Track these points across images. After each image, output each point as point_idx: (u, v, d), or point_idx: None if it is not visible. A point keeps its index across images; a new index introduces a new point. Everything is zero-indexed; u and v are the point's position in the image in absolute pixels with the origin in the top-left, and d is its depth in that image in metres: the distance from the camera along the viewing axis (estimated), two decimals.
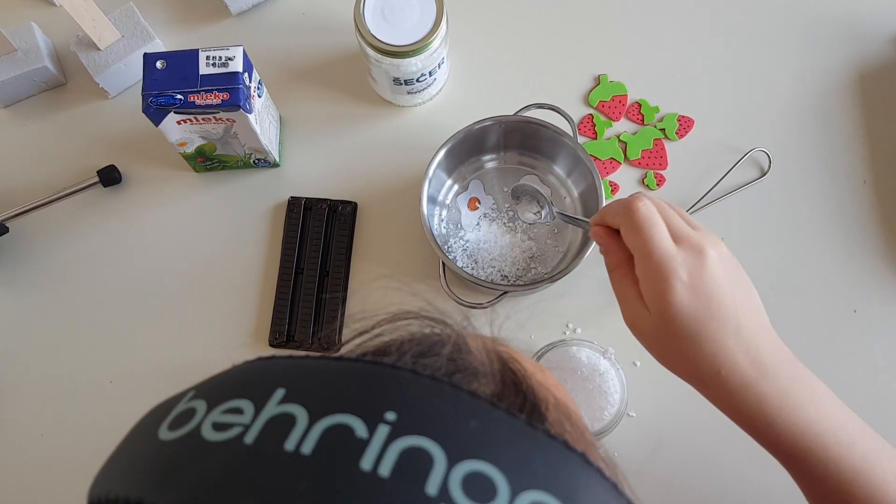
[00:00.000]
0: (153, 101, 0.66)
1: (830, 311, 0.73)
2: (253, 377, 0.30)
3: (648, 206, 0.50)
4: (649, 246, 0.49)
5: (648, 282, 0.49)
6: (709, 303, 0.48)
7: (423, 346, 0.31)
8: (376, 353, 0.31)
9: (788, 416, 0.47)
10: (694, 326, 0.48)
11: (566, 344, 0.65)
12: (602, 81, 0.79)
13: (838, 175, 0.76)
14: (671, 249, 0.48)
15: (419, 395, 0.27)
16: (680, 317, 0.48)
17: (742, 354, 0.48)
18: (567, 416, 0.31)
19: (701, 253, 0.49)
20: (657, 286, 0.48)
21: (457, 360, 0.30)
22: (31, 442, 0.72)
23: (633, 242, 0.50)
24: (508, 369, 0.31)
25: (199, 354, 0.74)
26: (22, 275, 0.76)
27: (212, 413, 0.28)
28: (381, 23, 0.69)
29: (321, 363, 0.29)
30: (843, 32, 0.80)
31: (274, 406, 0.27)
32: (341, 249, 0.76)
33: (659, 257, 0.48)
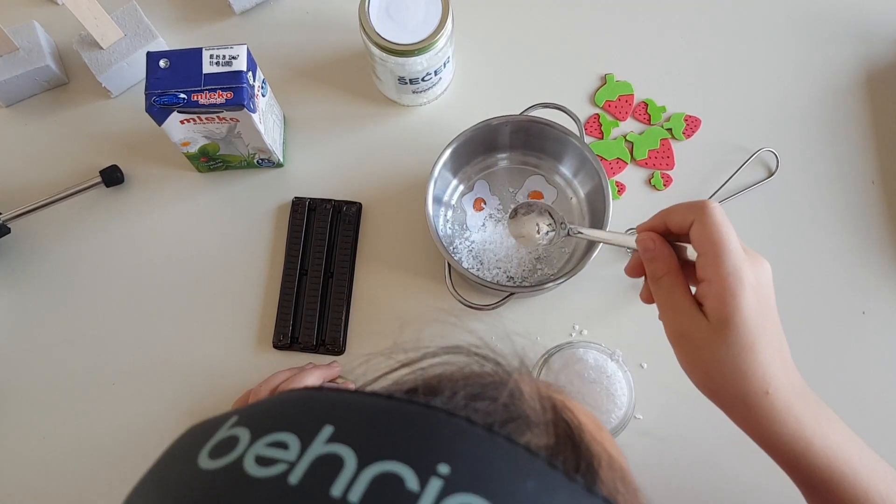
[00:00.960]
0: (156, 101, 0.65)
1: (839, 312, 0.73)
2: (300, 409, 0.28)
3: (719, 205, 0.48)
4: (727, 245, 0.45)
5: (718, 284, 0.45)
6: (768, 312, 0.46)
7: (475, 386, 0.29)
8: (426, 388, 0.30)
9: (822, 438, 0.46)
10: (753, 335, 0.45)
11: (573, 346, 0.64)
12: (608, 81, 0.79)
13: (846, 175, 0.76)
14: (742, 253, 0.46)
15: (474, 447, 0.26)
16: (745, 323, 0.45)
17: (783, 373, 0.46)
18: (621, 475, 0.30)
19: (763, 263, 0.47)
20: (728, 288, 0.45)
21: (511, 406, 0.29)
22: (33, 444, 0.72)
23: (709, 239, 0.46)
24: (562, 420, 0.30)
25: (202, 356, 0.73)
26: (24, 276, 0.76)
27: (255, 445, 0.26)
28: (387, 21, 0.69)
29: (372, 401, 0.28)
30: (851, 32, 0.80)
31: (321, 445, 0.25)
32: (346, 250, 0.75)
33: (735, 258, 0.45)
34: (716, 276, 0.46)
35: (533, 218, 0.64)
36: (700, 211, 0.47)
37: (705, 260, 0.46)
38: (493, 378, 0.31)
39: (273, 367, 0.73)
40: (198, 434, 0.30)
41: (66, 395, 0.73)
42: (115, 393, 0.73)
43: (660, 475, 0.69)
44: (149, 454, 0.74)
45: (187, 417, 0.72)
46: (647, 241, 0.51)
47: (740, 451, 0.68)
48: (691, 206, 0.48)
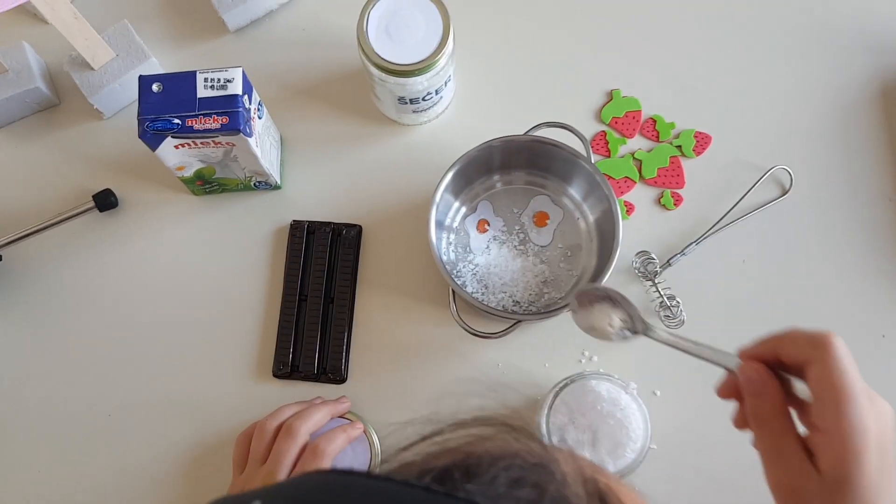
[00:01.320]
0: (149, 126, 0.63)
1: (857, 336, 0.70)
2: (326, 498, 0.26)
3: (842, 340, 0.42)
4: (853, 395, 0.40)
5: (836, 437, 0.40)
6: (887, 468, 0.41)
7: (515, 469, 0.27)
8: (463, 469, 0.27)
9: None
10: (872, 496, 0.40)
11: (585, 377, 0.62)
12: (615, 97, 0.76)
13: (862, 193, 0.73)
14: (868, 403, 0.40)
15: None
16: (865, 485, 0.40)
17: None
18: None
19: (884, 408, 0.42)
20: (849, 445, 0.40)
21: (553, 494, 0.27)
22: (27, 478, 0.70)
23: (832, 383, 0.40)
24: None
25: (200, 385, 0.71)
26: (15, 304, 0.74)
27: None
28: (386, 41, 0.66)
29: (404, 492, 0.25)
30: (864, 44, 0.77)
31: None
32: (346, 275, 0.73)
33: (861, 412, 0.40)
34: (836, 429, 0.40)
35: (605, 310, 0.54)
36: (822, 349, 0.41)
37: (825, 408, 0.41)
38: (532, 458, 0.28)
39: (273, 396, 0.70)
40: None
41: (61, 427, 0.71)
42: (111, 424, 0.71)
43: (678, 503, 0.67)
44: (144, 486, 0.72)
45: (186, 449, 0.70)
46: (753, 374, 0.44)
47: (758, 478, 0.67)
48: (812, 341, 0.42)
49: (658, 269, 0.70)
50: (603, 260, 0.67)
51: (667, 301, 0.69)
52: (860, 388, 0.40)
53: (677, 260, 0.71)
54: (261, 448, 0.62)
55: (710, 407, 0.68)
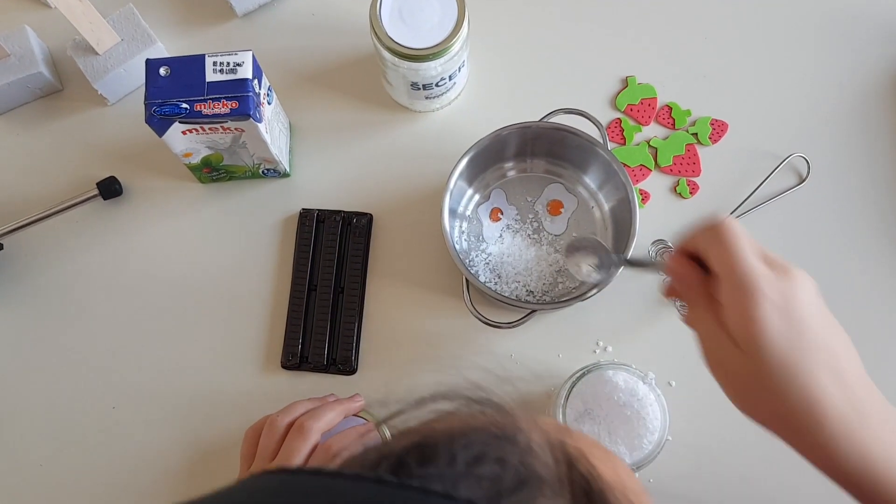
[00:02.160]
0: (157, 111, 0.62)
1: (876, 326, 0.69)
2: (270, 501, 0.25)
3: (735, 222, 0.45)
4: (735, 259, 0.43)
5: (733, 304, 0.43)
6: (802, 330, 0.42)
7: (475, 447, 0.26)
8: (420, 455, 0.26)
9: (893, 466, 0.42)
10: (787, 358, 0.42)
11: (601, 367, 0.61)
12: (630, 84, 0.75)
13: (881, 181, 0.72)
14: (759, 266, 0.43)
15: None
16: (770, 344, 0.42)
17: (841, 396, 0.42)
18: None
19: (791, 275, 0.44)
20: (743, 307, 0.42)
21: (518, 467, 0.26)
22: (30, 472, 0.68)
23: (719, 258, 0.44)
24: (578, 474, 0.27)
25: (207, 377, 0.70)
26: (18, 294, 0.72)
27: None
28: (399, 24, 0.65)
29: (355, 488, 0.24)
30: (881, 34, 0.76)
31: None
32: (356, 264, 0.72)
33: (746, 272, 0.43)
34: (730, 298, 0.43)
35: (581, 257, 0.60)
36: (711, 233, 0.45)
37: (722, 283, 0.44)
38: (495, 431, 0.27)
39: (282, 387, 0.69)
40: None
41: (65, 419, 0.70)
42: (116, 417, 0.70)
43: (692, 496, 0.66)
44: (151, 481, 0.70)
45: (193, 442, 0.68)
46: (674, 265, 0.48)
47: (775, 469, 0.66)
48: (704, 228, 0.46)
49: None
50: (618, 248, 0.66)
51: None
52: (748, 259, 0.43)
53: None
54: (270, 444, 0.61)
55: (726, 398, 0.67)
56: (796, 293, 0.43)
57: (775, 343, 0.42)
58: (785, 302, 0.42)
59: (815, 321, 0.43)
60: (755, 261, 0.43)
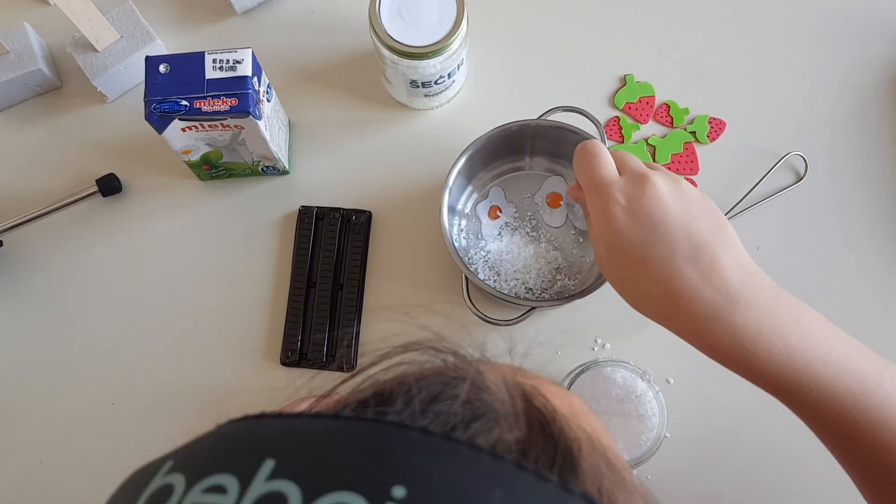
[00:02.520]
0: (156, 108, 0.62)
1: (872, 324, 0.70)
2: (238, 444, 0.26)
3: (594, 142, 0.52)
4: (588, 173, 0.50)
5: (591, 212, 0.49)
6: (653, 226, 0.46)
7: (433, 388, 0.27)
8: (379, 399, 0.27)
9: (769, 347, 0.44)
10: (638, 251, 0.46)
11: (599, 364, 0.61)
12: (628, 82, 0.75)
13: (878, 180, 0.73)
14: (611, 176, 0.49)
15: (432, 461, 0.23)
16: (621, 241, 0.47)
17: (705, 283, 0.45)
18: (604, 457, 0.27)
19: (643, 178, 0.48)
20: (597, 213, 0.48)
21: (474, 402, 0.27)
22: (29, 469, 0.68)
23: (579, 175, 0.52)
24: (534, 408, 0.28)
25: (206, 374, 0.70)
26: (16, 291, 0.72)
27: (191, 492, 0.24)
28: (398, 22, 0.65)
29: (316, 424, 0.25)
30: (880, 31, 0.77)
31: (262, 483, 0.23)
32: (356, 261, 0.72)
33: (597, 183, 0.49)
34: (591, 208, 0.50)
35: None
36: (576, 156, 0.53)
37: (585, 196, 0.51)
38: (453, 373, 0.28)
39: (281, 384, 0.69)
40: (132, 486, 0.27)
41: (64, 415, 0.70)
42: (115, 414, 0.70)
43: (690, 493, 0.66)
44: None
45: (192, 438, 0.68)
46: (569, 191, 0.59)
47: (773, 465, 0.66)
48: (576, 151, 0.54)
49: None
50: None
51: None
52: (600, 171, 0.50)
53: None
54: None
55: (724, 395, 0.68)
56: (645, 193, 0.47)
57: (626, 240, 0.47)
58: (632, 203, 0.47)
59: (669, 215, 0.47)
60: (607, 172, 0.49)
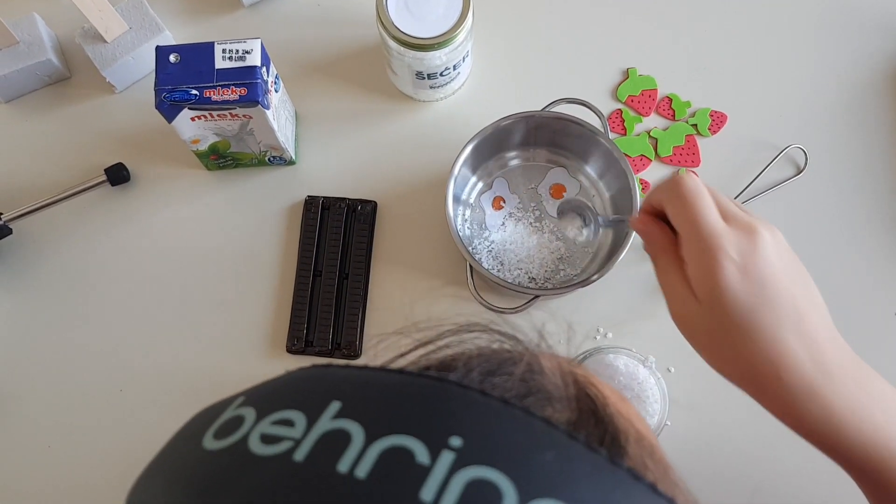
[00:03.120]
0: (167, 97, 0.63)
1: (870, 314, 0.71)
2: (307, 386, 0.28)
3: (696, 180, 0.46)
4: (695, 218, 0.44)
5: (694, 261, 0.44)
6: (763, 288, 0.42)
7: (491, 363, 0.28)
8: (440, 367, 0.29)
9: (858, 424, 0.43)
10: (747, 315, 0.42)
11: (602, 351, 0.62)
12: (631, 75, 0.76)
13: (877, 173, 0.74)
14: (720, 224, 0.43)
15: (488, 419, 0.25)
16: (731, 302, 0.42)
17: (804, 354, 0.42)
18: (650, 451, 0.29)
19: (753, 232, 0.44)
20: (704, 265, 0.43)
21: (529, 381, 0.28)
22: (38, 453, 0.69)
23: (679, 216, 0.45)
24: (585, 395, 0.29)
25: (213, 361, 0.71)
26: (26, 278, 0.73)
27: (261, 423, 0.26)
28: (405, 14, 0.66)
29: (380, 375, 0.27)
30: (880, 25, 0.78)
31: (328, 421, 0.25)
32: (361, 251, 0.73)
33: (707, 231, 0.43)
34: (691, 255, 0.44)
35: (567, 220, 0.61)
36: (669, 190, 0.46)
37: (683, 238, 0.45)
38: (510, 355, 0.29)
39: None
40: (204, 416, 0.29)
41: (72, 402, 0.70)
42: (123, 400, 0.71)
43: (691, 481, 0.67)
44: None
45: None
46: (636, 223, 0.50)
47: (773, 454, 0.67)
48: (664, 184, 0.47)
49: None
50: (619, 235, 0.68)
51: None
52: (707, 215, 0.44)
53: None
54: None
55: (724, 384, 0.68)
56: (757, 251, 0.43)
57: (736, 301, 0.42)
58: (745, 260, 0.43)
59: (778, 278, 0.43)
60: (715, 218, 0.44)
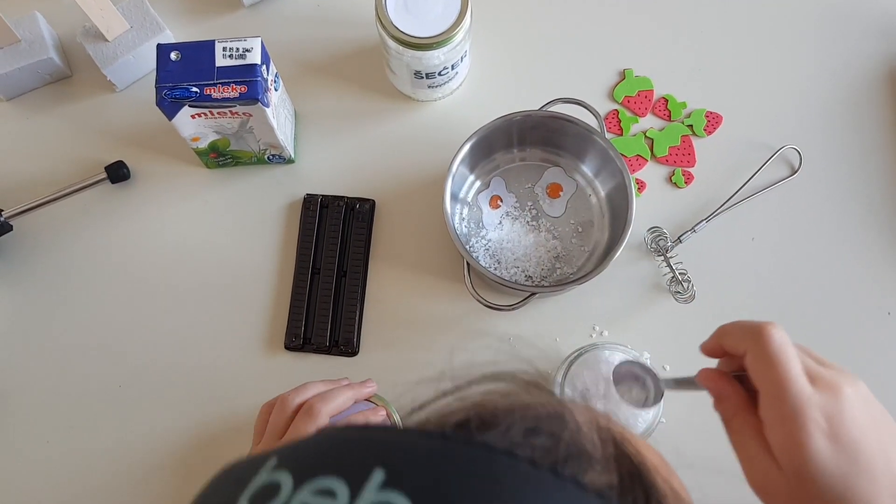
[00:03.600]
0: (167, 94, 0.63)
1: (863, 313, 0.71)
2: (345, 449, 0.26)
3: (784, 336, 0.41)
4: (782, 381, 0.39)
5: (779, 429, 0.40)
6: (856, 455, 0.39)
7: (529, 419, 0.27)
8: (478, 421, 0.27)
9: None
10: (839, 486, 0.38)
11: (598, 348, 0.62)
12: (627, 76, 0.77)
13: (870, 173, 0.74)
14: (807, 389, 0.39)
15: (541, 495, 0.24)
16: (820, 472, 0.38)
17: None
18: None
19: (839, 392, 0.40)
20: (789, 432, 0.39)
21: (570, 442, 0.27)
22: (37, 448, 0.70)
23: (764, 376, 0.41)
24: (624, 455, 0.28)
25: (212, 357, 0.71)
26: (27, 274, 0.74)
27: (300, 492, 0.24)
28: (404, 14, 0.67)
29: (424, 440, 0.26)
30: (874, 27, 0.78)
31: (374, 492, 0.23)
32: (359, 249, 0.73)
33: (793, 397, 0.39)
34: (776, 420, 0.40)
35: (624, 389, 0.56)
36: (754, 339, 0.41)
37: (764, 401, 0.41)
38: (546, 409, 0.28)
39: (285, 368, 0.71)
40: (235, 478, 0.27)
41: (71, 397, 0.71)
42: (122, 396, 0.71)
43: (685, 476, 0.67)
44: (155, 457, 0.71)
45: (197, 421, 0.70)
46: (706, 381, 0.45)
47: None
48: (746, 332, 0.42)
49: (669, 245, 0.71)
50: (615, 234, 0.68)
51: (678, 276, 0.70)
52: (795, 376, 0.40)
53: (688, 237, 0.71)
54: (280, 423, 0.60)
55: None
56: (845, 412, 0.40)
57: (826, 471, 0.39)
58: (834, 426, 0.39)
59: (869, 441, 0.40)
60: (802, 382, 0.40)
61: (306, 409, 0.59)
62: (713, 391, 0.45)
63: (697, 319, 0.71)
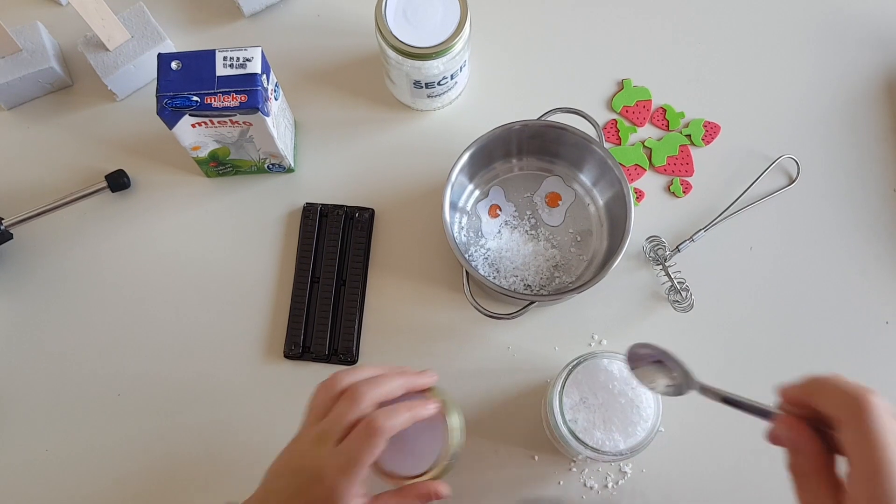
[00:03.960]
0: (168, 103, 0.63)
1: (861, 322, 0.71)
2: None
3: (887, 409, 0.39)
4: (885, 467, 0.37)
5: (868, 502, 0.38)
6: None
7: None
8: None
9: None
10: None
11: (596, 356, 0.62)
12: (626, 86, 0.77)
13: (868, 183, 0.75)
14: None
15: None
16: None
17: None
18: None
19: None
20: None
21: None
22: (36, 457, 0.69)
23: (863, 454, 0.38)
24: None
25: (211, 366, 0.71)
26: (27, 283, 0.74)
27: None
28: (403, 24, 0.67)
29: None
30: (872, 38, 0.79)
31: None
32: (358, 257, 0.73)
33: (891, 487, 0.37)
34: (864, 498, 0.38)
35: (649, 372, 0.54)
36: (856, 410, 0.39)
37: (855, 476, 0.39)
38: None
39: (284, 377, 0.71)
40: None
41: (71, 406, 0.71)
42: (121, 404, 0.71)
43: (684, 485, 0.68)
44: (154, 467, 0.71)
45: (197, 429, 0.70)
46: (790, 430, 0.42)
47: (764, 459, 0.67)
48: (847, 400, 0.40)
49: (668, 255, 0.71)
50: (614, 243, 0.68)
51: (677, 286, 0.70)
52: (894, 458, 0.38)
53: (686, 246, 0.72)
54: (324, 402, 0.56)
55: None
56: None
57: None
58: None
59: None
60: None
61: (351, 391, 0.55)
62: (791, 443, 0.42)
63: (696, 328, 0.71)
